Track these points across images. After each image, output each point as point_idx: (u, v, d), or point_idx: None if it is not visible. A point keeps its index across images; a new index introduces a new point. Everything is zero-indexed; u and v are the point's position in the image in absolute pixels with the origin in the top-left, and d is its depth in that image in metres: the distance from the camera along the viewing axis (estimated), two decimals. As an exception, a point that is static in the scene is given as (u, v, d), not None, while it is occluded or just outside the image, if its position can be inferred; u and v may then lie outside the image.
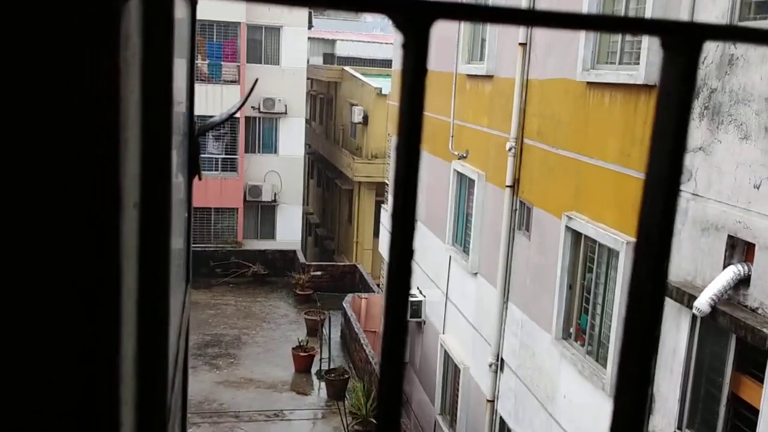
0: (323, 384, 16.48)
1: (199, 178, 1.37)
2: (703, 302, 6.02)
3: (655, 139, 0.42)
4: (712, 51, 6.45)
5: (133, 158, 0.46)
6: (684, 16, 6.74)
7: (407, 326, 0.42)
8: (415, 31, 0.38)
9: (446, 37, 13.25)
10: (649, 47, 7.29)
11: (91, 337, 0.42)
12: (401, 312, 0.41)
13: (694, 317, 6.44)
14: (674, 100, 0.41)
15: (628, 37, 8.02)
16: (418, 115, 0.39)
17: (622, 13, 8.06)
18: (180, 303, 1.07)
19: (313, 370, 17.19)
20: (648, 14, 7.31)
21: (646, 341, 0.43)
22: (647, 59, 7.32)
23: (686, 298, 6.40)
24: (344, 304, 18.78)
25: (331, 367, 16.79)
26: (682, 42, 0.40)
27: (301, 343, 17.43)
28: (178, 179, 1.08)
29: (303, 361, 17.17)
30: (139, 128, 0.49)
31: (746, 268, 5.97)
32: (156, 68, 0.50)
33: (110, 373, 0.43)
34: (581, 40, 8.58)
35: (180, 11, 1.04)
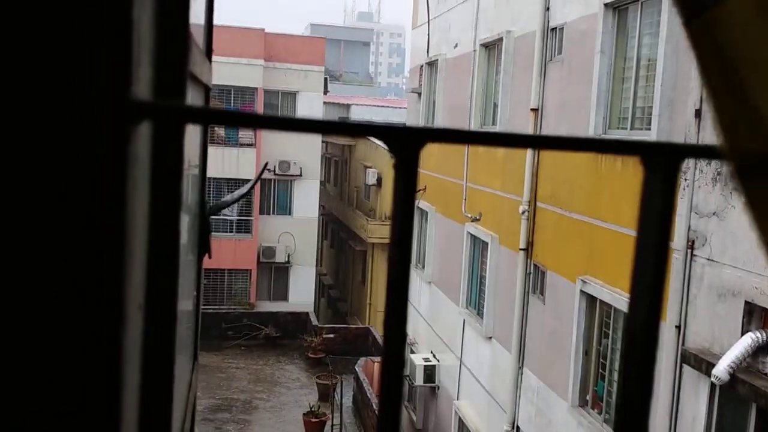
0: (335, 451, 16.13)
1: (209, 257, 1.39)
2: (721, 370, 5.90)
3: (636, 257, 0.43)
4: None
5: (138, 264, 0.48)
6: (694, 85, 6.83)
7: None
8: (406, 153, 0.41)
9: (460, 101, 13.49)
10: (660, 113, 7.37)
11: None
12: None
13: (713, 385, 6.30)
14: (654, 219, 0.42)
15: (639, 103, 8.13)
16: (409, 227, 0.41)
17: (633, 82, 8.18)
18: (186, 384, 1.08)
19: (325, 436, 16.86)
20: (658, 83, 7.42)
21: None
22: (659, 125, 7.39)
23: (704, 366, 6.28)
24: (356, 369, 18.53)
25: (343, 432, 16.47)
26: (661, 162, 0.42)
27: (313, 409, 17.13)
28: (188, 258, 1.11)
29: (314, 428, 16.85)
30: (145, 236, 0.52)
31: (764, 334, 5.87)
32: (165, 184, 0.53)
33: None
34: (592, 105, 8.70)
35: (196, 99, 1.09)
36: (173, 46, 0.60)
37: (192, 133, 1.11)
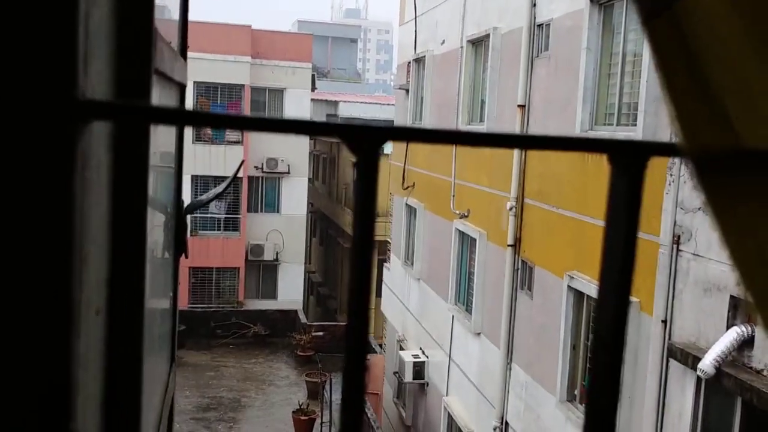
0: (324, 448, 16.12)
1: (186, 257, 1.37)
2: (707, 364, 5.94)
3: (605, 254, 0.42)
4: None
5: (96, 268, 0.46)
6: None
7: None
8: (366, 152, 0.40)
9: (447, 98, 13.49)
10: (646, 110, 7.39)
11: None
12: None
13: (699, 379, 6.34)
14: (622, 216, 0.41)
15: (625, 99, 8.16)
16: (370, 227, 0.40)
17: (619, 78, 8.21)
18: (162, 385, 1.06)
19: (314, 433, 16.86)
20: (644, 79, 7.44)
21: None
22: (644, 120, 7.42)
23: (690, 360, 6.32)
24: (346, 365, 18.49)
25: (332, 431, 16.46)
26: (628, 159, 0.41)
27: (302, 407, 17.11)
28: (163, 258, 1.09)
29: (303, 426, 16.83)
30: (106, 239, 0.50)
31: (750, 328, 5.91)
32: (128, 185, 0.52)
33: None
34: (579, 101, 8.72)
35: (169, 97, 1.07)
36: (135, 43, 0.59)
37: (167, 132, 1.10)
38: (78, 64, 0.37)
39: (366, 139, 0.40)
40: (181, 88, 1.28)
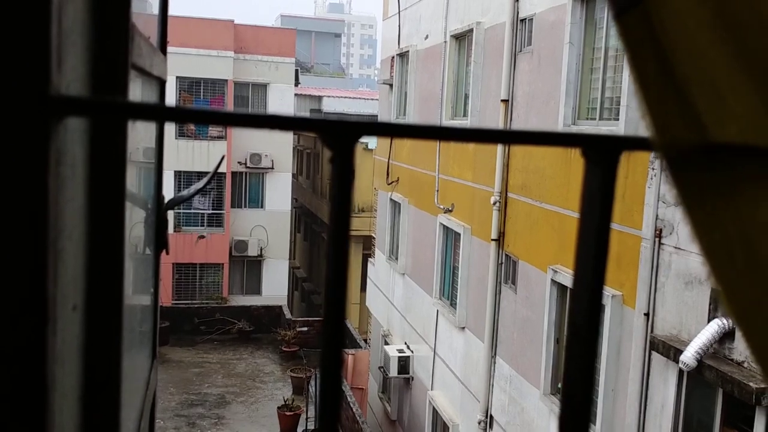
0: (310, 444, 16.12)
1: (167, 253, 1.37)
2: (689, 356, 6.01)
3: (579, 245, 0.43)
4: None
5: (72, 263, 0.46)
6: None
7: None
8: (341, 147, 0.40)
9: (431, 93, 13.50)
10: (628, 104, 7.44)
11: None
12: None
13: (680, 372, 6.41)
14: (595, 208, 0.42)
15: (608, 93, 8.20)
16: (346, 221, 0.41)
17: (601, 73, 8.25)
18: (143, 382, 1.06)
19: (300, 429, 16.85)
20: (626, 73, 7.49)
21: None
22: (626, 115, 7.46)
23: (672, 353, 6.38)
24: (331, 361, 18.48)
25: (318, 426, 16.45)
26: (601, 153, 0.42)
27: (287, 402, 17.09)
28: (143, 255, 1.08)
29: (289, 421, 16.82)
30: (82, 235, 0.50)
31: (730, 321, 5.98)
32: (105, 181, 0.51)
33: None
34: (562, 96, 8.76)
35: (148, 92, 1.07)
36: (112, 38, 0.58)
37: (147, 127, 1.09)
38: (51, 58, 0.37)
39: (341, 134, 0.40)
40: (161, 83, 1.27)
